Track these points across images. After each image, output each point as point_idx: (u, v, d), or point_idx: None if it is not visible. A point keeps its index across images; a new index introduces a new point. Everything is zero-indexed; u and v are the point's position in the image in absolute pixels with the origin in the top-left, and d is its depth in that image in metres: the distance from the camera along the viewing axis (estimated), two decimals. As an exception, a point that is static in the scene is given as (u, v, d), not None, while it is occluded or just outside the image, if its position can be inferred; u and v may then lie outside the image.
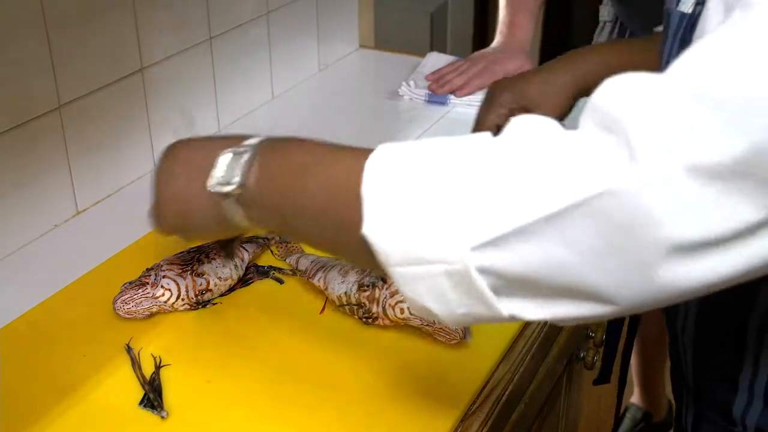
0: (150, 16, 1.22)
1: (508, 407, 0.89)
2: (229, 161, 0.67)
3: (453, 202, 0.55)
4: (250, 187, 0.66)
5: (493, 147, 0.56)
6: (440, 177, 0.56)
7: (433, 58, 1.66)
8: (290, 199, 0.65)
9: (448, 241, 0.55)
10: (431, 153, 0.58)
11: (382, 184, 0.58)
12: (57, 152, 1.13)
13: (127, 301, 0.92)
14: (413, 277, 0.57)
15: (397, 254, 0.57)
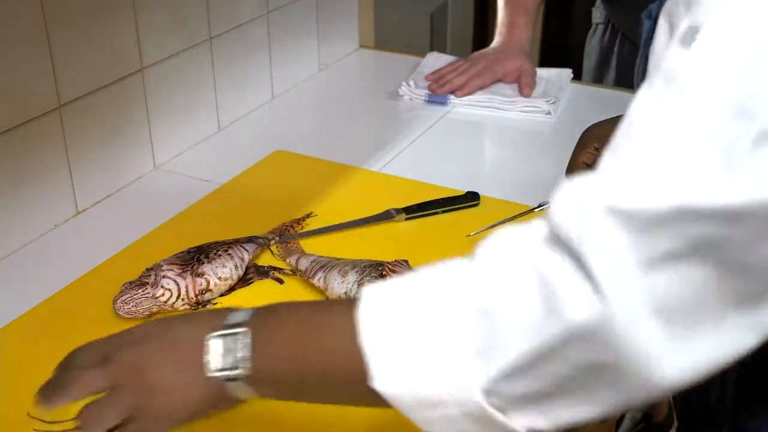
0: (150, 16, 1.22)
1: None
2: (224, 345, 0.64)
3: (453, 343, 0.57)
4: (257, 367, 0.64)
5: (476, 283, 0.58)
6: (436, 318, 0.58)
7: (433, 58, 1.66)
8: (298, 371, 0.64)
9: (457, 385, 0.57)
10: (421, 295, 0.60)
11: (380, 338, 0.60)
12: (57, 152, 1.13)
13: (127, 301, 0.92)
14: (432, 419, 0.59)
15: (411, 402, 0.59)
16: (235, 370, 0.64)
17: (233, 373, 0.64)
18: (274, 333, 0.65)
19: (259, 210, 1.17)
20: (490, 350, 0.56)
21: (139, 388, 0.65)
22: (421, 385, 0.58)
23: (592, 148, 1.08)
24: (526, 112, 1.48)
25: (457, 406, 0.58)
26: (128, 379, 0.65)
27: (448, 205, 1.16)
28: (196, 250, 0.99)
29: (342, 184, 1.24)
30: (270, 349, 0.64)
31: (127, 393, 0.65)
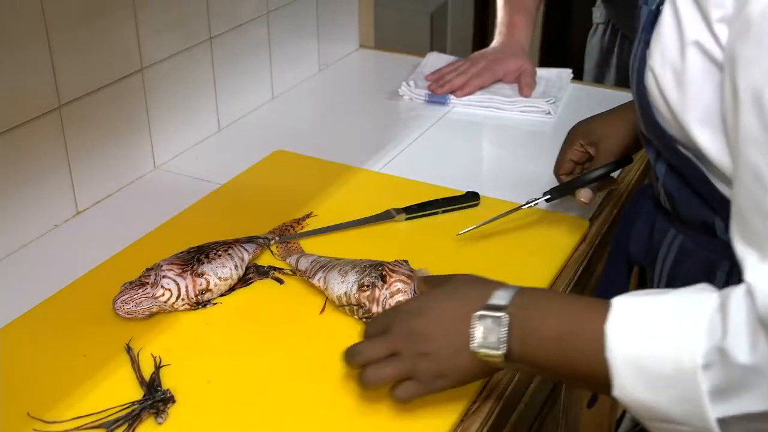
0: (150, 16, 1.22)
1: (508, 407, 0.89)
2: (487, 326, 0.75)
3: (692, 374, 0.64)
4: (512, 350, 0.74)
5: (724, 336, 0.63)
6: (677, 346, 0.65)
7: (433, 58, 1.66)
8: (551, 362, 0.74)
9: (694, 411, 0.64)
10: (664, 321, 0.67)
11: (625, 353, 0.67)
12: (57, 152, 1.13)
13: (127, 301, 0.92)
14: (662, 428, 0.68)
15: (645, 413, 0.68)
16: (495, 350, 0.74)
17: (492, 352, 0.74)
18: (531, 323, 0.74)
19: (259, 210, 1.17)
20: (730, 392, 0.63)
21: (413, 354, 0.77)
22: (657, 403, 0.66)
23: (578, 146, 1.10)
24: (526, 112, 1.48)
25: (688, 426, 0.66)
26: (404, 346, 0.78)
27: (448, 205, 1.16)
28: (196, 250, 0.99)
29: (342, 184, 1.24)
30: (529, 340, 0.74)
31: (403, 357, 0.78)
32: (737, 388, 0.62)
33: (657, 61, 0.77)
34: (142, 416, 0.81)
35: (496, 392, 0.87)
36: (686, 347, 0.64)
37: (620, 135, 1.07)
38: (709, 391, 0.63)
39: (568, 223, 1.14)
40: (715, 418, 0.63)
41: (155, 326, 0.94)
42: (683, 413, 0.65)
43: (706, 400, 0.63)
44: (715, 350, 0.63)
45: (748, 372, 0.61)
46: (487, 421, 0.84)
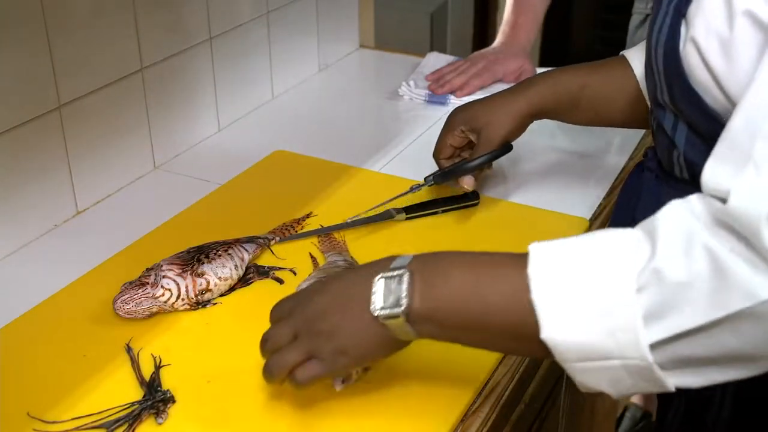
0: (150, 16, 1.22)
1: (508, 407, 0.89)
2: (387, 287, 0.71)
3: (624, 302, 0.62)
4: (416, 308, 0.70)
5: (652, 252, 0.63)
6: (606, 277, 0.64)
7: (433, 58, 1.66)
8: (462, 316, 0.70)
9: (627, 340, 0.62)
10: (591, 255, 0.66)
11: (551, 290, 0.65)
12: (57, 152, 1.13)
13: (127, 301, 0.92)
14: (590, 369, 0.65)
15: (574, 353, 0.65)
16: (396, 308, 0.70)
17: (392, 311, 0.70)
18: (437, 276, 0.71)
19: (259, 210, 1.17)
20: (665, 312, 0.61)
21: (313, 333, 0.75)
22: (588, 337, 0.64)
23: (459, 132, 1.13)
24: None
25: (621, 359, 0.63)
26: (305, 327, 0.75)
27: (448, 204, 1.16)
28: (196, 250, 0.99)
29: (342, 184, 1.24)
30: (433, 292, 0.70)
31: (303, 339, 0.75)
32: (671, 308, 0.61)
33: (700, 31, 0.76)
34: (142, 416, 0.81)
35: (496, 392, 0.87)
36: (616, 274, 0.63)
37: (502, 123, 1.10)
38: (643, 316, 0.62)
39: (568, 223, 1.14)
40: (648, 343, 0.62)
41: (155, 326, 0.94)
42: (616, 344, 0.63)
43: (641, 324, 0.62)
44: (648, 271, 0.62)
45: (682, 288, 0.61)
46: (487, 421, 0.84)
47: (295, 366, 0.76)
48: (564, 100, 1.09)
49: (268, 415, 0.82)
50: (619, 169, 1.29)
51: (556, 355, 0.66)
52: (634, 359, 0.63)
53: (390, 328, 0.72)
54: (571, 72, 1.11)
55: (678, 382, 0.64)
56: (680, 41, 0.80)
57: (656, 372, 0.63)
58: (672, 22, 0.81)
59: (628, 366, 0.63)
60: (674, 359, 0.63)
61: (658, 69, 0.84)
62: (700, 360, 0.62)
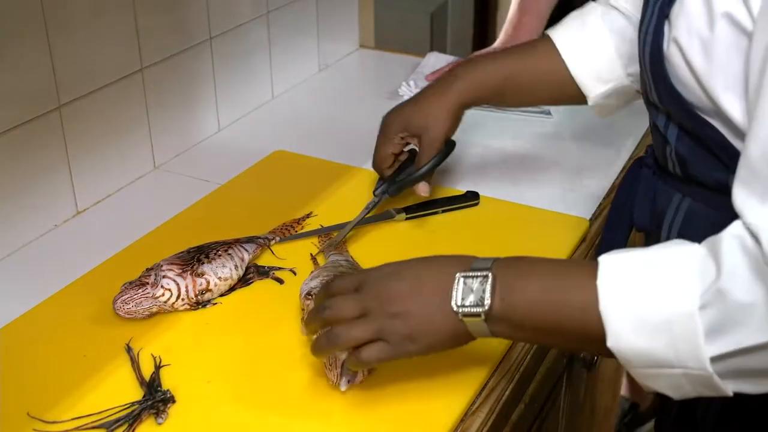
0: (150, 16, 1.22)
1: (508, 407, 0.89)
2: (469, 285, 0.74)
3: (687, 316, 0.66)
4: (495, 309, 0.74)
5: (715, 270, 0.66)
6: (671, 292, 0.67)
7: (433, 58, 1.66)
8: (536, 320, 0.74)
9: (688, 352, 0.66)
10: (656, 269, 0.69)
11: (618, 302, 0.69)
12: (57, 152, 1.13)
13: (127, 301, 0.92)
14: (654, 376, 0.70)
15: (639, 361, 0.69)
16: (476, 307, 0.73)
17: (473, 309, 0.73)
18: (517, 281, 0.74)
19: (259, 210, 1.17)
20: (725, 329, 0.65)
21: (385, 315, 0.76)
22: (653, 348, 0.67)
23: (398, 139, 1.11)
24: (526, 112, 1.48)
25: (682, 368, 0.67)
26: (376, 306, 0.76)
27: (448, 204, 1.16)
28: (196, 250, 0.99)
29: (342, 184, 1.24)
30: (512, 296, 0.74)
31: (374, 318, 0.76)
32: (732, 326, 0.64)
33: (682, 32, 0.79)
34: (142, 416, 0.81)
35: (496, 392, 0.87)
36: (681, 291, 0.66)
37: (439, 123, 1.09)
38: (705, 331, 0.65)
39: (568, 223, 1.14)
40: (709, 356, 0.65)
41: (155, 326, 0.94)
42: (678, 355, 0.67)
43: (702, 339, 0.65)
44: (712, 291, 0.65)
45: (744, 309, 0.64)
46: (487, 421, 0.84)
47: (360, 343, 0.77)
48: (491, 89, 1.10)
49: (267, 415, 0.82)
50: (619, 170, 1.29)
51: (622, 361, 0.70)
52: (695, 370, 0.67)
53: (467, 325, 0.75)
54: (497, 61, 1.12)
55: (736, 388, 0.68)
56: (664, 42, 0.82)
57: (716, 381, 0.67)
58: (657, 23, 0.83)
59: (689, 375, 0.67)
60: (733, 371, 0.66)
61: (646, 69, 0.86)
62: (758, 372, 0.66)
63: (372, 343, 0.77)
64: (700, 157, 0.85)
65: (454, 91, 1.10)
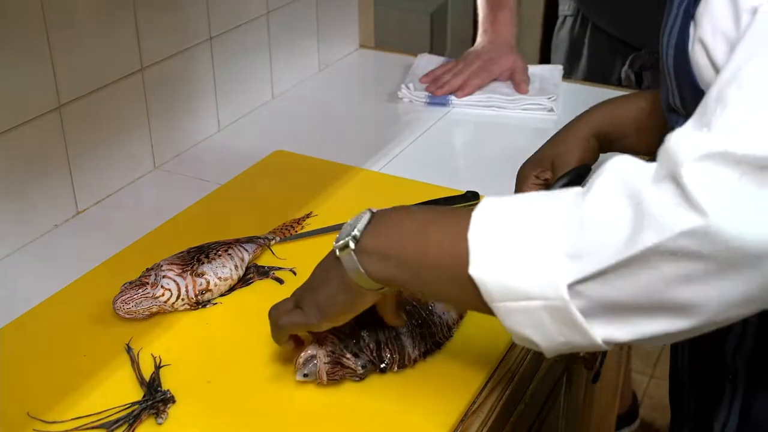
0: (150, 16, 1.22)
1: (508, 407, 0.89)
2: (351, 223, 0.77)
3: (548, 245, 0.63)
4: (365, 240, 0.75)
5: (582, 200, 0.64)
6: (537, 224, 0.65)
7: (425, 60, 1.66)
8: (404, 249, 0.74)
9: (547, 279, 0.63)
10: (529, 205, 0.67)
11: (486, 231, 0.67)
12: (57, 152, 1.13)
13: (127, 300, 0.92)
14: (514, 311, 0.66)
15: (499, 292, 0.66)
16: (347, 237, 0.75)
17: (345, 240, 0.75)
18: (394, 216, 0.76)
19: (259, 210, 1.17)
20: (583, 253, 0.62)
21: (305, 288, 0.83)
22: (512, 275, 0.65)
23: (533, 179, 1.09)
24: (528, 110, 1.48)
25: (542, 299, 0.64)
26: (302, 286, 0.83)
27: (448, 204, 1.16)
28: (196, 250, 0.99)
29: (342, 184, 1.24)
30: (384, 226, 0.75)
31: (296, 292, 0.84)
32: (589, 249, 0.61)
33: (707, 31, 0.76)
34: (142, 416, 0.81)
35: (496, 392, 0.87)
36: (546, 219, 0.65)
37: (571, 146, 1.08)
38: (564, 255, 0.62)
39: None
40: (565, 282, 0.62)
41: (155, 326, 0.94)
42: (536, 284, 0.64)
43: (560, 263, 0.62)
44: (576, 214, 0.63)
45: (603, 229, 0.61)
46: (487, 421, 0.84)
47: (285, 314, 0.83)
48: (623, 121, 1.08)
49: (267, 415, 0.82)
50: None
51: (483, 294, 0.67)
52: (553, 299, 0.63)
53: (343, 263, 0.76)
54: (634, 96, 1.10)
55: (604, 333, 0.63)
56: (689, 42, 0.79)
57: (574, 314, 0.63)
58: (682, 24, 0.80)
59: (549, 307, 0.64)
60: (595, 304, 0.62)
61: (669, 72, 0.83)
62: (623, 307, 0.62)
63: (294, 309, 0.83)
64: None
65: (584, 121, 1.09)
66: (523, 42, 2.92)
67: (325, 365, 0.83)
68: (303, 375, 0.84)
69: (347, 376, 0.85)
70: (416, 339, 0.87)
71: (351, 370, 0.84)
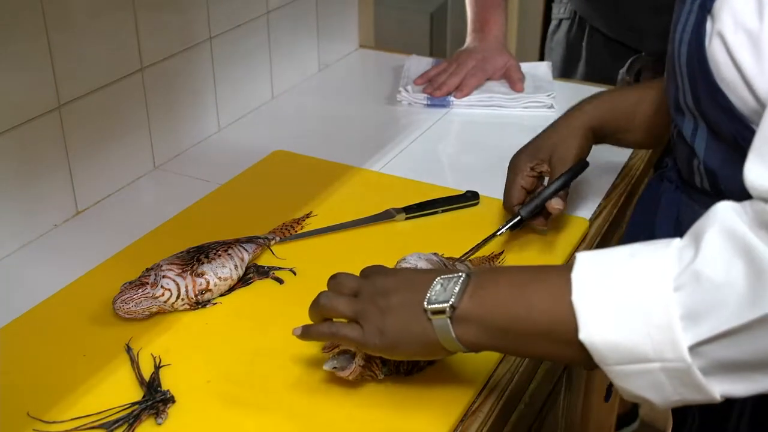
0: (150, 16, 1.22)
1: (507, 407, 0.89)
2: (443, 285, 0.73)
3: (661, 305, 0.61)
4: (463, 307, 0.72)
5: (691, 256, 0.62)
6: (645, 283, 0.63)
7: (415, 62, 1.65)
8: (504, 316, 0.71)
9: (665, 342, 0.61)
10: (631, 262, 0.65)
11: (591, 293, 0.65)
12: (57, 152, 1.13)
13: (126, 300, 0.92)
14: (630, 374, 0.64)
15: (613, 356, 0.64)
16: (444, 303, 0.71)
17: (440, 306, 0.72)
18: (488, 281, 0.73)
19: (259, 210, 1.17)
20: (700, 314, 0.60)
21: (371, 302, 0.76)
22: (625, 338, 0.63)
23: (528, 171, 1.07)
24: (529, 108, 1.49)
25: (660, 362, 0.62)
26: (368, 293, 0.77)
27: (448, 204, 1.16)
28: (196, 250, 0.99)
29: (342, 184, 1.24)
30: (481, 293, 0.72)
31: (361, 300, 0.77)
32: (709, 309, 0.60)
33: (727, 26, 0.74)
34: (142, 416, 0.81)
35: (495, 392, 0.87)
36: (656, 275, 0.63)
37: (569, 140, 1.06)
38: (681, 316, 0.61)
39: (568, 223, 1.14)
40: (687, 345, 0.61)
41: (155, 326, 0.94)
42: (653, 346, 0.62)
43: (678, 325, 0.61)
44: (688, 272, 0.61)
45: (720, 288, 0.59)
46: (486, 421, 0.84)
47: (338, 316, 0.78)
48: (619, 115, 1.07)
49: (267, 415, 0.82)
50: (619, 170, 1.29)
51: (595, 358, 0.65)
52: (673, 362, 0.62)
53: (435, 326, 0.73)
54: (628, 88, 1.09)
55: (723, 389, 0.62)
56: (705, 38, 0.77)
57: (696, 375, 0.61)
58: (697, 20, 0.78)
59: (668, 369, 0.62)
60: (716, 363, 0.61)
61: (681, 70, 0.81)
62: (745, 365, 0.61)
63: (349, 322, 0.78)
64: (733, 170, 0.79)
65: (582, 111, 1.08)
66: (522, 43, 2.93)
67: (359, 367, 0.82)
68: (333, 366, 0.82)
69: (368, 378, 0.84)
70: None
71: (374, 375, 0.84)
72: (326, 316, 0.80)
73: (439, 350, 0.75)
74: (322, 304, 0.79)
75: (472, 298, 0.72)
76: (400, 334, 0.75)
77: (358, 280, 0.80)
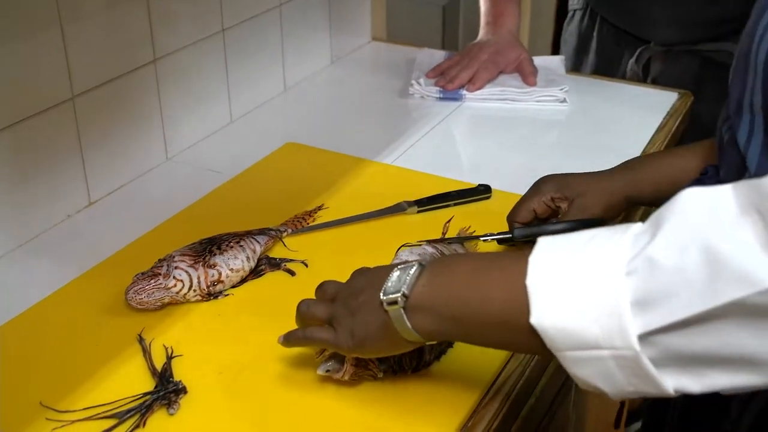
0: (163, 7, 1.22)
1: (518, 402, 0.89)
2: (398, 276, 0.73)
3: (613, 291, 0.59)
4: (416, 296, 0.71)
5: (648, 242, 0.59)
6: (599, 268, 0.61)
7: (427, 55, 1.65)
8: (457, 302, 0.69)
9: (614, 329, 0.59)
10: (587, 247, 0.62)
11: (546, 277, 0.63)
12: (70, 143, 1.13)
13: (139, 291, 0.93)
14: (581, 360, 0.62)
15: (564, 341, 0.62)
16: (397, 293, 0.71)
17: (394, 296, 0.71)
18: (443, 269, 0.72)
19: (271, 202, 1.17)
20: (652, 301, 0.57)
21: (344, 304, 0.77)
22: (577, 324, 0.61)
23: (547, 198, 1.04)
24: (542, 102, 1.48)
25: (610, 349, 0.60)
26: (343, 296, 0.78)
27: (460, 198, 1.16)
28: (208, 242, 0.99)
29: (354, 176, 1.24)
30: (434, 281, 0.71)
31: (335, 304, 0.78)
32: (661, 296, 0.57)
33: None
34: (154, 407, 0.81)
35: (506, 387, 0.87)
36: (609, 257, 0.60)
37: (598, 197, 1.02)
38: (631, 302, 0.58)
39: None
40: (637, 333, 0.58)
41: (167, 317, 0.94)
42: (602, 332, 0.59)
43: (628, 311, 0.58)
44: (641, 257, 0.58)
45: (675, 275, 0.56)
46: (497, 416, 0.84)
47: (316, 321, 0.79)
48: (665, 185, 1.00)
49: (278, 407, 0.83)
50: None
51: (547, 343, 0.63)
52: (622, 349, 0.59)
53: (390, 316, 0.72)
54: (676, 155, 1.03)
55: (677, 384, 0.59)
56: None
57: (646, 365, 0.59)
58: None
59: (617, 357, 0.60)
60: (669, 355, 0.58)
61: (757, 68, 0.77)
62: (700, 359, 0.58)
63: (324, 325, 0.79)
64: None
65: (624, 178, 1.03)
66: (535, 36, 2.92)
67: (352, 367, 0.82)
68: (326, 370, 0.82)
69: (366, 377, 0.84)
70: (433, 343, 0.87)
71: (372, 373, 0.84)
72: (306, 322, 0.81)
73: (402, 342, 0.74)
74: (302, 310, 0.81)
75: (426, 287, 0.71)
76: (366, 332, 0.75)
77: (338, 285, 0.81)
